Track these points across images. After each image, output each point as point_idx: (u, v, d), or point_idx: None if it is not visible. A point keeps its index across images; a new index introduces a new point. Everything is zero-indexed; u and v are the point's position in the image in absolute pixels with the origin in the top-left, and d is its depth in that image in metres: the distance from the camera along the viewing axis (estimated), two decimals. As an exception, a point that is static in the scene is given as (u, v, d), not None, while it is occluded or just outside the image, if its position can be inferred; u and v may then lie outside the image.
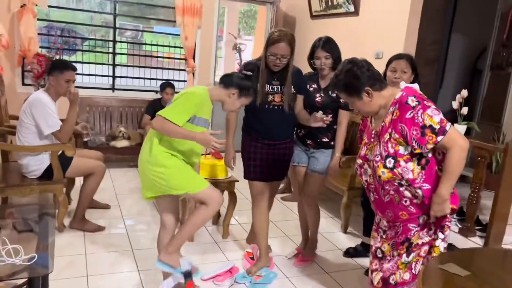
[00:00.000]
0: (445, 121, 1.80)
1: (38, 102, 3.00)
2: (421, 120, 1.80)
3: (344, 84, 1.95)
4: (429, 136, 1.79)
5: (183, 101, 2.25)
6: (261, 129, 2.77)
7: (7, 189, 3.04)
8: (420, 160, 1.88)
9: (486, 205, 3.59)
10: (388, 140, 1.90)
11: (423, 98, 1.85)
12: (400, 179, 1.89)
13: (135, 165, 5.20)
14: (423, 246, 1.98)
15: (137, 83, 5.77)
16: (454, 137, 1.79)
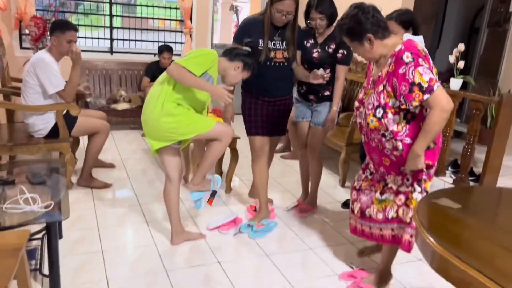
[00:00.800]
0: (434, 81, 1.83)
1: (41, 62, 3.04)
2: (411, 77, 1.84)
3: (348, 28, 1.99)
4: (416, 94, 1.84)
5: (200, 54, 2.37)
6: (262, 86, 2.81)
7: (15, 147, 3.12)
8: (406, 115, 1.95)
9: (480, 159, 3.70)
10: (382, 91, 1.97)
11: (419, 55, 1.87)
12: (385, 130, 1.99)
13: (136, 128, 5.29)
14: (398, 194, 2.12)
15: (135, 46, 5.75)
16: (439, 98, 1.83)
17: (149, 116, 2.43)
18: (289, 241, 2.85)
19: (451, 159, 3.72)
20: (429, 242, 1.32)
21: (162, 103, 2.37)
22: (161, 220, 2.97)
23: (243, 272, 2.45)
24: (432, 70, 1.89)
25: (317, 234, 2.95)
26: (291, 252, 2.71)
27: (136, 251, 2.59)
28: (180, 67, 2.29)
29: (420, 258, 2.70)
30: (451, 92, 3.41)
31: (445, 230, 1.42)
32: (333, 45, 2.84)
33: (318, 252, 2.71)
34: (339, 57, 2.83)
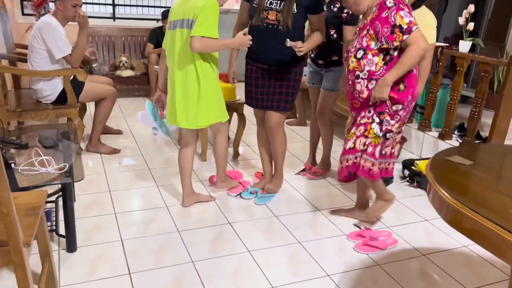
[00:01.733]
0: (413, 23, 2.05)
1: (48, 26, 3.01)
2: (393, 20, 2.06)
3: None
4: (397, 35, 2.06)
5: (209, 14, 2.27)
6: (255, 50, 2.58)
7: (24, 113, 3.13)
8: (385, 56, 2.16)
9: (486, 123, 3.71)
10: (365, 36, 2.18)
11: (400, 2, 2.08)
12: (360, 71, 2.20)
13: (141, 95, 5.30)
14: (359, 126, 2.32)
15: (136, 11, 5.67)
16: (417, 37, 2.06)
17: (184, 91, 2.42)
18: (297, 203, 2.90)
19: (457, 123, 3.73)
20: (442, 195, 1.35)
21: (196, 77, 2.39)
22: (171, 184, 3.02)
23: (253, 231, 2.50)
24: (412, 14, 2.08)
25: (324, 197, 3.00)
26: (299, 213, 2.76)
27: (148, 213, 2.65)
28: (200, 39, 2.23)
29: (426, 218, 2.76)
30: (460, 55, 3.38)
31: (457, 184, 1.45)
32: (338, 4, 2.70)
33: (326, 213, 2.76)
34: (344, 17, 2.71)
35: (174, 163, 3.36)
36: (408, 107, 2.30)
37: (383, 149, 2.38)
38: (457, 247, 2.45)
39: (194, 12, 2.27)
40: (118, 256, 2.20)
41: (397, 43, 2.09)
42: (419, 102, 4.00)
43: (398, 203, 2.97)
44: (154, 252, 2.24)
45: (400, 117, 2.28)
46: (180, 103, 2.43)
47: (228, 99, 3.45)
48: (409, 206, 2.93)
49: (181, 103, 2.43)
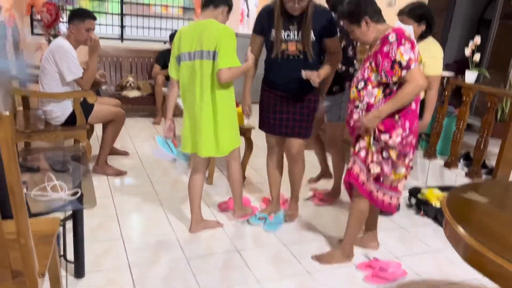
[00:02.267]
0: (412, 60, 2.07)
1: (61, 48, 3.05)
2: (394, 55, 2.08)
3: (349, 11, 2.21)
4: (396, 70, 2.09)
5: (230, 43, 2.34)
6: (275, 80, 2.65)
7: (34, 134, 3.14)
8: (385, 89, 2.18)
9: (491, 152, 3.73)
10: (367, 67, 2.21)
11: (402, 37, 2.08)
12: (360, 101, 2.22)
13: (146, 115, 5.32)
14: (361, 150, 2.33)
15: (142, 33, 5.74)
16: (415, 75, 2.08)
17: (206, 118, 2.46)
18: (306, 231, 2.88)
19: (463, 151, 3.75)
20: (461, 234, 1.35)
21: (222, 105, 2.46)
22: (178, 208, 3.01)
23: (262, 260, 2.48)
24: (414, 51, 2.09)
25: (333, 224, 2.99)
26: (308, 242, 2.74)
27: (155, 238, 2.63)
28: (228, 70, 2.33)
29: (435, 248, 2.75)
30: (466, 85, 3.42)
31: (475, 222, 1.45)
32: None
33: (335, 243, 2.74)
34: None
35: (180, 186, 3.36)
36: (406, 140, 2.23)
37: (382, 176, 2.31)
38: (467, 280, 2.44)
39: (214, 43, 2.31)
40: (126, 283, 2.18)
41: (396, 79, 2.11)
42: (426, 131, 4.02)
43: (406, 232, 2.96)
44: (162, 279, 2.22)
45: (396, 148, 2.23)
46: (208, 133, 2.46)
47: (236, 123, 3.48)
48: (417, 236, 2.92)
49: (209, 132, 2.46)
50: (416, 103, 2.27)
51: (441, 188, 3.37)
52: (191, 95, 2.47)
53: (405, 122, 2.21)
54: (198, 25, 2.41)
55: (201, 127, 2.46)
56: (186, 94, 2.50)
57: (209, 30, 2.35)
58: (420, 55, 2.19)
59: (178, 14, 6.18)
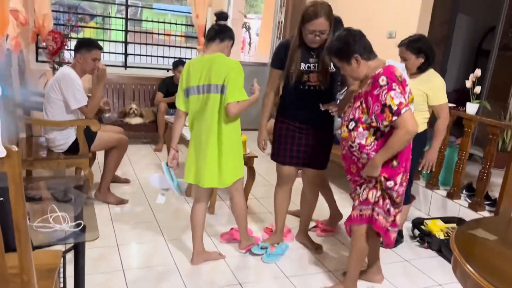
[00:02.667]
0: (403, 105, 2.02)
1: (67, 76, 3.08)
2: (384, 99, 2.03)
3: (337, 48, 2.18)
4: (387, 114, 2.04)
5: (238, 77, 2.38)
6: (296, 111, 2.65)
7: (36, 162, 3.14)
8: (376, 132, 2.14)
9: (493, 182, 3.72)
10: (358, 107, 2.17)
11: (393, 80, 2.04)
12: (352, 142, 2.18)
13: (148, 142, 5.33)
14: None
15: (145, 61, 5.81)
16: (405, 120, 2.03)
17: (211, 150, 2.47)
18: (309, 263, 2.84)
19: (465, 182, 3.74)
20: (470, 273, 1.33)
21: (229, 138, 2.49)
22: (179, 238, 2.98)
23: (265, 294, 2.44)
24: (405, 95, 2.06)
25: (335, 256, 2.95)
26: (311, 274, 2.70)
27: (157, 270, 2.59)
28: (236, 104, 2.37)
29: (440, 283, 2.71)
30: (467, 117, 3.45)
31: (484, 261, 1.44)
32: None
33: (339, 275, 2.70)
34: None
35: (182, 215, 3.33)
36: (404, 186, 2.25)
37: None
38: (473, 316, 2.39)
39: (223, 77, 2.36)
40: (127, 317, 2.13)
41: (387, 123, 2.06)
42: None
43: (410, 265, 2.92)
44: (164, 314, 2.18)
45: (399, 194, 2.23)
46: (212, 163, 2.47)
47: (238, 152, 3.48)
48: (421, 269, 2.88)
49: (213, 163, 2.47)
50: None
51: (444, 219, 3.35)
52: (199, 126, 2.49)
53: (402, 164, 2.18)
54: (206, 59, 2.45)
55: (206, 157, 2.46)
56: (194, 125, 2.53)
57: (218, 64, 2.40)
58: (411, 94, 2.15)
59: (181, 42, 6.26)
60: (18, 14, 4.05)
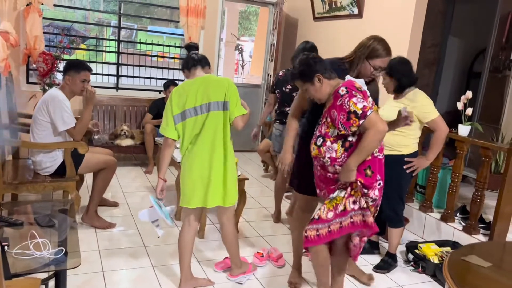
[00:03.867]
0: (367, 107, 2.05)
1: (55, 98, 3.04)
2: (348, 107, 2.07)
3: (300, 71, 2.27)
4: (353, 120, 2.06)
5: (236, 92, 2.46)
6: None
7: (21, 185, 3.06)
8: (344, 143, 2.14)
9: (487, 205, 3.68)
10: (323, 123, 2.22)
11: (352, 88, 2.12)
12: (323, 157, 2.18)
13: (139, 164, 5.26)
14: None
15: (138, 82, 5.79)
16: (373, 121, 2.04)
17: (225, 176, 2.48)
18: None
19: (459, 205, 3.70)
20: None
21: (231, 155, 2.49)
22: (167, 264, 2.89)
23: (255, 322, 2.36)
24: (366, 99, 2.12)
25: (327, 282, 2.87)
26: (302, 301, 2.62)
27: (142, 298, 2.50)
28: (242, 117, 2.45)
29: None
30: (460, 138, 3.43)
31: (479, 291, 1.38)
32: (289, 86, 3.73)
33: None
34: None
35: (170, 240, 3.24)
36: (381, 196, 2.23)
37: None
38: None
39: (223, 94, 2.40)
40: None
41: (355, 129, 2.08)
42: (419, 181, 3.99)
43: (404, 291, 2.85)
44: None
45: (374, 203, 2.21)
46: (218, 183, 2.46)
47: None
48: (416, 295, 2.81)
49: (219, 182, 2.46)
50: (381, 152, 2.23)
51: (438, 243, 3.29)
52: (201, 148, 2.43)
53: (377, 175, 2.17)
54: (198, 81, 2.45)
55: (211, 176, 2.44)
56: (195, 148, 2.44)
57: (214, 83, 2.44)
58: (375, 106, 2.16)
59: (174, 63, 6.27)
60: (8, 36, 4.02)
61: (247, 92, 6.32)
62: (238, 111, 2.43)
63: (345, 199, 2.18)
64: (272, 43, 5.95)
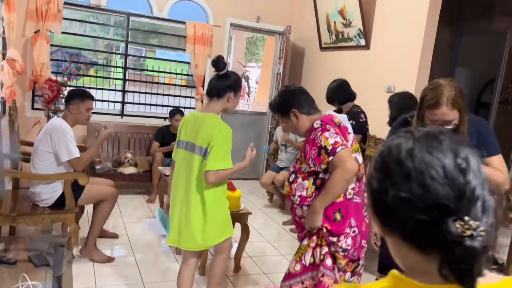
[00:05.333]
0: (338, 144, 1.90)
1: (59, 128, 3.00)
2: (319, 141, 1.94)
3: (276, 104, 2.16)
4: (323, 156, 1.91)
5: (223, 143, 2.22)
6: None
7: (19, 217, 2.99)
8: (315, 180, 1.99)
9: (500, 243, 3.54)
10: (298, 159, 2.10)
11: (327, 122, 1.97)
12: (293, 195, 2.04)
13: (142, 192, 5.18)
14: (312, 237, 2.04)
15: (144, 109, 5.77)
16: (342, 159, 1.87)
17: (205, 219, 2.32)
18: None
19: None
20: None
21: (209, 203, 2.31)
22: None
23: None
24: (341, 136, 1.95)
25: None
26: None
27: None
28: (215, 173, 2.19)
29: None
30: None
31: None
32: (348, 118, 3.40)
33: None
34: None
35: (170, 276, 3.13)
36: (355, 246, 1.97)
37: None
38: None
39: (207, 141, 2.22)
40: None
41: (324, 165, 1.92)
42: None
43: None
44: None
45: (347, 254, 1.97)
46: (194, 227, 2.29)
47: (232, 208, 3.30)
48: None
49: (196, 226, 2.30)
50: (359, 196, 1.99)
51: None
52: (181, 182, 2.36)
53: (348, 220, 1.94)
54: (199, 117, 2.35)
55: (187, 219, 2.31)
56: (177, 178, 2.39)
57: (206, 127, 2.26)
58: (355, 143, 2.03)
59: (181, 90, 6.24)
60: (14, 63, 4.03)
61: (253, 120, 6.28)
62: (211, 165, 2.18)
63: (313, 249, 1.99)
64: (279, 72, 5.93)
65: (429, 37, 4.15)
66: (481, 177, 0.70)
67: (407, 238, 0.71)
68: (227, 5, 5.73)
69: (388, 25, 4.45)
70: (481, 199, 0.69)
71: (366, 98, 4.21)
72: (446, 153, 0.71)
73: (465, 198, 0.68)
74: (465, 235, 0.64)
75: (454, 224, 0.65)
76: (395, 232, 0.73)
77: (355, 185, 2.00)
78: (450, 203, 0.67)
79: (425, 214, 0.67)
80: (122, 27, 5.71)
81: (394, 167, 0.73)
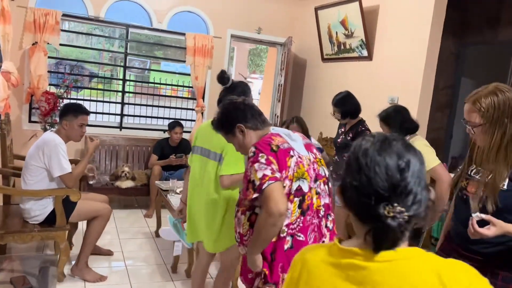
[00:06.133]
0: (267, 178, 1.59)
1: (51, 143, 2.91)
2: (249, 174, 1.65)
3: (218, 120, 1.89)
4: (250, 191, 1.62)
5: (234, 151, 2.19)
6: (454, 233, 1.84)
7: (7, 235, 2.88)
8: (251, 216, 1.72)
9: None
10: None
11: (261, 150, 1.65)
12: (235, 232, 1.78)
13: (139, 206, 5.07)
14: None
15: (144, 121, 5.69)
16: (267, 197, 1.57)
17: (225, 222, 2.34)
18: None
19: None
20: None
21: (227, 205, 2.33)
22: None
23: None
24: (274, 163, 1.63)
25: None
26: None
27: None
28: (229, 177, 2.22)
29: None
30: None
31: None
32: (351, 134, 3.42)
33: None
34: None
35: (165, 297, 3.01)
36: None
37: None
38: None
39: (221, 148, 2.28)
40: None
41: (247, 202, 1.67)
42: (434, 234, 3.73)
43: None
44: None
45: None
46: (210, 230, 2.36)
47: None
48: None
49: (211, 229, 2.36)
50: (303, 232, 1.70)
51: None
52: (198, 188, 2.42)
53: (278, 263, 1.67)
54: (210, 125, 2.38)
55: (203, 221, 2.40)
56: (193, 182, 2.47)
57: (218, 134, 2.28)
58: (301, 168, 1.70)
59: (182, 102, 6.15)
60: (9, 75, 3.97)
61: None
62: (226, 170, 2.23)
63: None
64: (280, 83, 5.83)
65: (433, 47, 4.04)
66: (418, 176, 0.92)
67: (356, 213, 0.95)
68: (228, 16, 5.66)
69: (391, 36, 4.35)
70: (413, 193, 0.89)
71: (369, 110, 4.09)
72: (391, 155, 0.92)
73: (398, 190, 0.89)
74: (388, 215, 0.87)
75: (384, 208, 0.88)
76: (350, 208, 0.96)
77: (299, 219, 1.70)
78: (385, 193, 0.89)
79: (366, 198, 0.90)
80: (121, 38, 5.64)
81: (352, 161, 0.96)
